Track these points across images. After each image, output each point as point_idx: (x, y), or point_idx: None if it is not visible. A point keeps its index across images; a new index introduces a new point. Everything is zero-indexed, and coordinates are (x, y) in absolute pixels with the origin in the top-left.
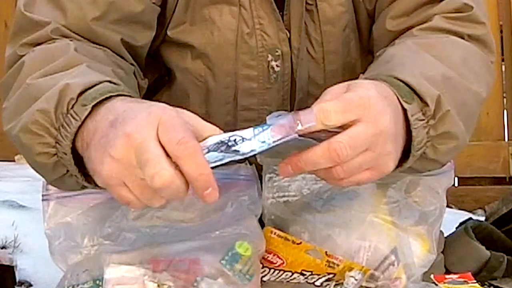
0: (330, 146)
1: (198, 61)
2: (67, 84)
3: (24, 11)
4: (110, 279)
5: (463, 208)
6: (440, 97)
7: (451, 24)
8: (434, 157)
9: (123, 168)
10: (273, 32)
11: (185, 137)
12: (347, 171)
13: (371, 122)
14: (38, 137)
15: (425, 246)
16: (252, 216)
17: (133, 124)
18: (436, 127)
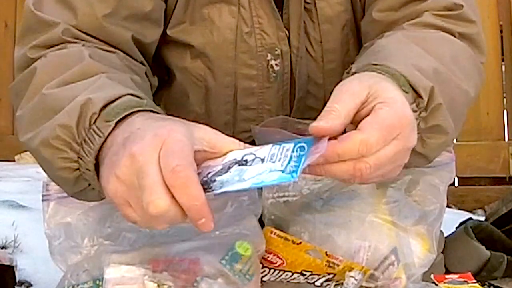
0: (356, 166)
1: (198, 60)
2: (88, 99)
3: (34, 9)
4: (110, 279)
5: (463, 208)
6: (434, 89)
7: (441, 21)
8: (422, 151)
9: (126, 188)
10: (272, 31)
11: (180, 165)
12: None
13: (402, 141)
14: (59, 152)
15: (425, 245)
16: (252, 216)
17: (139, 144)
18: (427, 119)
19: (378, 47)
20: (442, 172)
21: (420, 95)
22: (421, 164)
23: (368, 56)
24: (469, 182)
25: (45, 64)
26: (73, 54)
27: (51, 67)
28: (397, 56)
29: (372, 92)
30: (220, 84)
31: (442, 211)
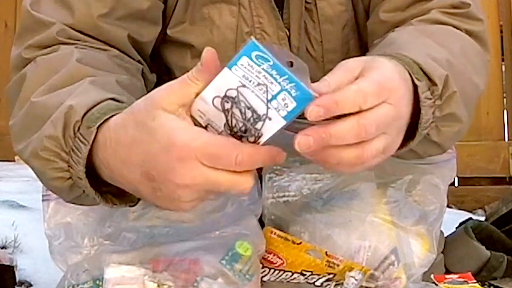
0: (359, 121)
1: (198, 60)
2: (70, 106)
3: (31, 9)
4: (110, 279)
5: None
6: (448, 77)
7: (448, 18)
8: (436, 139)
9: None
10: (272, 31)
11: (238, 155)
12: (371, 152)
13: (395, 106)
14: (50, 162)
15: (425, 245)
16: (252, 216)
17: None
18: (442, 108)
19: (390, 40)
20: (443, 170)
21: (435, 82)
22: (436, 153)
23: (382, 48)
24: (469, 182)
25: (34, 70)
26: (61, 57)
27: (39, 73)
28: (410, 46)
29: (365, 66)
30: None
31: (442, 211)
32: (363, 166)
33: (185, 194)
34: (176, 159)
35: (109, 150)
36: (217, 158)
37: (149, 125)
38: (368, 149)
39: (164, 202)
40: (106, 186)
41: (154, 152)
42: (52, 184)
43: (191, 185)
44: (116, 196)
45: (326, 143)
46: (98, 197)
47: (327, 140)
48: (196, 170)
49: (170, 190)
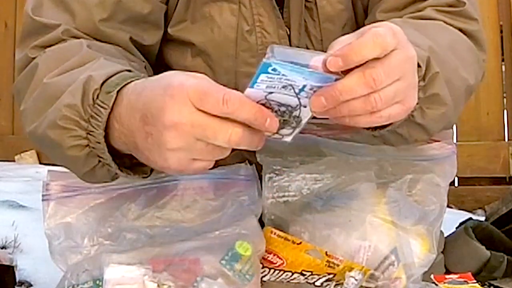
0: (366, 72)
1: (198, 59)
2: (89, 76)
3: (33, 15)
4: (110, 279)
5: (463, 208)
6: (430, 59)
7: (442, 15)
8: (421, 121)
9: (187, 150)
10: (273, 29)
11: (225, 94)
12: (384, 100)
13: (403, 48)
14: (68, 131)
15: (425, 245)
16: (252, 216)
17: (166, 114)
18: (425, 89)
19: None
20: (444, 166)
21: (418, 64)
22: (422, 138)
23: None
24: (469, 182)
25: (45, 59)
26: (72, 46)
27: (51, 60)
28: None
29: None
30: (221, 82)
31: (442, 211)
32: (380, 117)
33: (171, 137)
34: (169, 96)
35: (124, 101)
36: (206, 96)
37: (164, 74)
38: (377, 95)
39: (153, 151)
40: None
41: (155, 93)
42: (69, 153)
43: (178, 125)
44: (129, 168)
45: (338, 100)
46: (114, 165)
47: (337, 96)
48: (185, 107)
49: (159, 132)
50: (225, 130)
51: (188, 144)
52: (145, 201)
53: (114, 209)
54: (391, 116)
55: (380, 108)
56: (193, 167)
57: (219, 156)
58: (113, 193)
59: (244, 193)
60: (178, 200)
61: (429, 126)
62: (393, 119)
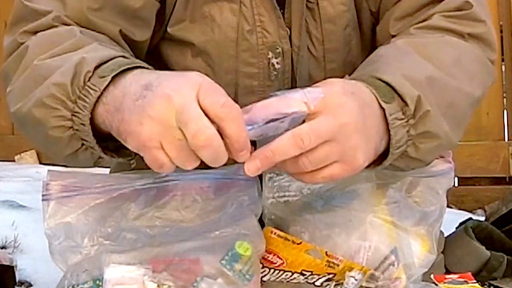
0: (294, 133)
1: (199, 58)
2: (82, 58)
3: (24, 0)
4: (110, 279)
5: (463, 208)
6: (420, 97)
7: (449, 22)
8: (416, 155)
9: (162, 128)
10: (273, 29)
11: (228, 101)
12: (313, 162)
13: (330, 115)
14: (53, 110)
15: (425, 246)
16: (252, 216)
17: (172, 86)
18: (416, 126)
19: (375, 57)
20: (442, 180)
21: (407, 103)
22: (419, 167)
23: (365, 66)
24: (469, 182)
25: (36, 42)
26: (65, 31)
27: (43, 43)
28: (389, 66)
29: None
30: (221, 82)
31: (442, 212)
32: (322, 177)
33: (159, 105)
34: (184, 76)
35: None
36: (213, 92)
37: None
38: (305, 158)
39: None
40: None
41: (174, 74)
42: (51, 133)
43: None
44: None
45: (272, 161)
46: (98, 148)
47: (271, 157)
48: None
49: (152, 97)
50: (199, 122)
51: (166, 122)
52: (145, 201)
53: (114, 209)
54: (334, 176)
55: (310, 169)
56: (156, 154)
57: (183, 163)
58: (113, 193)
59: (244, 193)
60: (178, 200)
61: (424, 158)
62: (337, 178)
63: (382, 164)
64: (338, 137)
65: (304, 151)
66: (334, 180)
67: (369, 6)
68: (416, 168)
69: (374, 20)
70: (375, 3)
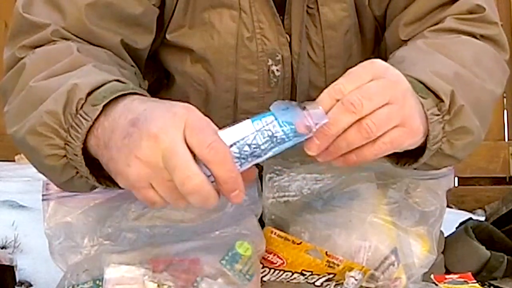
0: (343, 99)
1: (198, 65)
2: (75, 84)
3: (23, 12)
4: (110, 279)
5: (463, 208)
6: (454, 92)
7: (463, 24)
8: (450, 152)
9: (150, 170)
10: (273, 36)
11: (215, 141)
12: (378, 124)
13: (381, 77)
14: (46, 139)
15: (425, 246)
16: (252, 216)
17: (158, 124)
18: (451, 122)
19: (398, 59)
20: (442, 181)
21: (442, 98)
22: (451, 164)
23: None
24: (469, 182)
25: (33, 60)
26: (62, 49)
27: (39, 62)
28: (416, 66)
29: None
30: (220, 89)
31: (442, 212)
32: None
33: (146, 147)
34: (171, 112)
35: (124, 102)
36: (199, 131)
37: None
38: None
39: (121, 152)
40: (98, 170)
41: (161, 105)
42: (46, 162)
43: (158, 139)
44: (107, 179)
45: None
46: (92, 177)
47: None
48: (176, 130)
49: (139, 137)
50: (186, 169)
51: (154, 164)
52: None
53: (114, 209)
54: (395, 141)
55: (376, 132)
56: (146, 193)
57: (174, 202)
58: (113, 193)
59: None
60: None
61: (457, 155)
62: (398, 144)
63: (418, 161)
64: (394, 98)
65: (360, 116)
66: (395, 147)
67: (373, 10)
68: (448, 166)
69: (377, 24)
70: (380, 7)
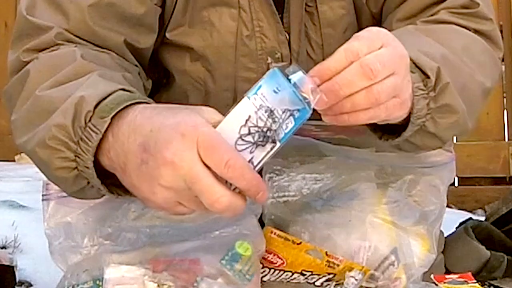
0: (362, 63)
1: (197, 63)
2: (81, 97)
3: (26, 14)
4: (110, 279)
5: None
6: (440, 69)
7: (456, 17)
8: (434, 130)
9: (176, 193)
10: (272, 34)
11: (231, 158)
12: (386, 92)
13: (391, 46)
14: (57, 151)
15: (425, 246)
16: (252, 216)
17: (171, 150)
18: (436, 99)
19: None
20: (443, 172)
21: (427, 75)
22: (434, 145)
23: None
24: (469, 182)
25: (37, 66)
26: (65, 55)
27: (43, 69)
28: (405, 44)
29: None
30: (220, 87)
31: (442, 211)
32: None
33: (166, 174)
34: (179, 133)
35: (128, 118)
36: (212, 150)
37: (180, 107)
38: (378, 87)
39: (142, 180)
40: (109, 178)
41: (165, 124)
42: (57, 174)
43: (176, 165)
44: (119, 187)
45: (339, 94)
46: (104, 188)
47: (338, 91)
48: (190, 152)
49: (155, 164)
50: (213, 192)
51: (178, 187)
52: None
53: (114, 209)
54: (389, 109)
55: (382, 100)
56: (176, 209)
57: (204, 212)
58: None
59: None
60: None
61: (441, 134)
62: (390, 113)
63: (401, 135)
64: (400, 70)
65: (372, 82)
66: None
67: (370, 8)
68: (431, 147)
69: (375, 22)
70: (377, 4)
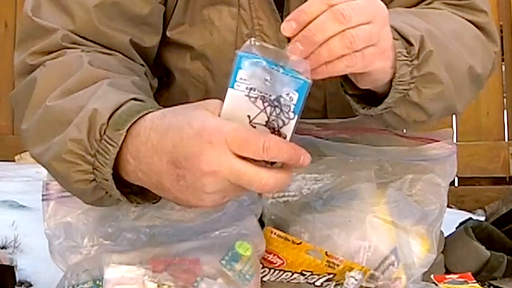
0: (333, 8)
1: (197, 62)
2: (95, 110)
3: (32, 15)
4: (110, 279)
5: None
6: (424, 37)
7: (451, 8)
8: (418, 100)
9: (223, 194)
10: (272, 33)
11: (265, 141)
12: (361, 37)
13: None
14: (74, 165)
15: (425, 245)
16: (252, 216)
17: (205, 161)
18: (419, 67)
19: None
20: (444, 166)
21: (411, 42)
22: (421, 118)
23: None
24: (469, 182)
25: (44, 74)
26: (72, 61)
27: (51, 77)
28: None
29: None
30: (220, 86)
31: (443, 211)
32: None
33: (209, 183)
34: (206, 142)
35: (142, 138)
36: (245, 143)
37: (187, 113)
38: (352, 31)
39: (186, 193)
40: (128, 187)
41: (187, 137)
42: (75, 186)
43: (217, 172)
44: (137, 195)
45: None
46: (123, 198)
47: (312, 37)
48: (224, 155)
49: (195, 177)
50: (259, 178)
51: (224, 187)
52: None
53: (114, 209)
54: (366, 58)
55: (357, 45)
56: (224, 202)
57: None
58: None
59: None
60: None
61: (426, 105)
62: (369, 61)
63: (383, 103)
64: (377, 19)
65: (346, 27)
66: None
67: None
68: (417, 121)
69: None
70: None
